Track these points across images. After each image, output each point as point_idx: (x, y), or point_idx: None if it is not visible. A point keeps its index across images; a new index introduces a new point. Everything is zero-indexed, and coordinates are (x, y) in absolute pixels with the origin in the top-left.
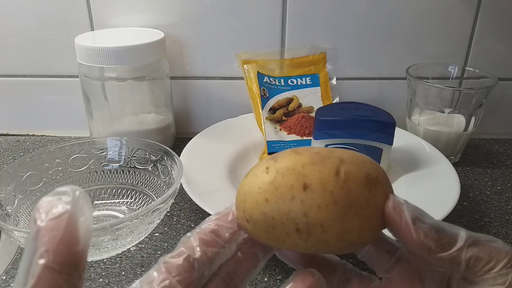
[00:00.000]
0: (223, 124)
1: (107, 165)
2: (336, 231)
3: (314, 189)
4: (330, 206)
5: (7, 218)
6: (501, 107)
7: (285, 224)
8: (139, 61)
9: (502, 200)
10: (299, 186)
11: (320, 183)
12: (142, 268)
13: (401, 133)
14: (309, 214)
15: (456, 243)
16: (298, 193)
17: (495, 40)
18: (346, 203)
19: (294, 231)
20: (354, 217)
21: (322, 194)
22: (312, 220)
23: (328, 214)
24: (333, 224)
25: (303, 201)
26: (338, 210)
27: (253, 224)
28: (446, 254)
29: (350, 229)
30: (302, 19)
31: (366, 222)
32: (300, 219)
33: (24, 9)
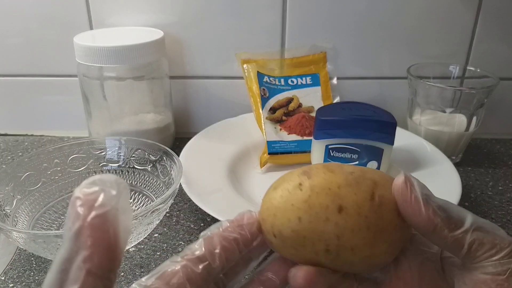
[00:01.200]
0: (223, 124)
1: (106, 165)
2: (365, 255)
3: (349, 212)
4: (363, 231)
5: (5, 219)
6: (502, 107)
7: (316, 244)
8: (138, 60)
9: (503, 200)
10: (335, 207)
11: (356, 206)
12: (141, 268)
13: (402, 133)
14: (342, 237)
15: (463, 225)
16: (333, 215)
17: (497, 40)
18: (377, 228)
19: (323, 251)
20: (382, 243)
21: (357, 218)
22: (344, 243)
23: (360, 238)
24: (363, 248)
25: (338, 223)
26: (370, 235)
27: (282, 240)
28: (451, 234)
29: (378, 254)
30: (302, 18)
31: (392, 248)
32: (332, 241)
33: (23, 9)
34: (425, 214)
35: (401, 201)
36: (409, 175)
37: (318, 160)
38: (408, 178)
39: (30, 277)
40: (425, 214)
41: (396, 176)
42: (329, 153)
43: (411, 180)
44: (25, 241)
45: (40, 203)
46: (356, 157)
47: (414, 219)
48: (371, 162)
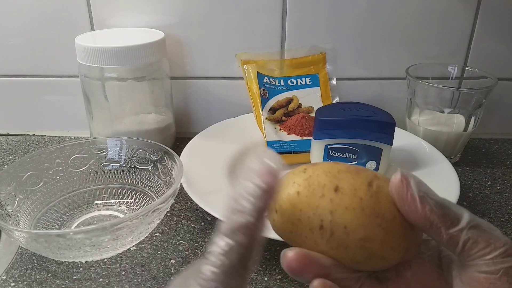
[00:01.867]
0: (223, 124)
1: (107, 165)
2: (358, 236)
3: (345, 192)
4: (356, 210)
5: (7, 218)
6: (501, 107)
7: (311, 218)
8: (139, 61)
9: (501, 200)
10: (332, 186)
11: (351, 187)
12: (142, 268)
13: (401, 133)
14: (335, 213)
15: (459, 222)
16: (329, 193)
17: (495, 40)
18: (373, 212)
19: (318, 227)
20: (378, 227)
21: (352, 197)
22: (337, 220)
23: (353, 217)
24: (356, 228)
25: (332, 200)
26: (364, 216)
27: (281, 214)
28: (447, 232)
29: (372, 238)
30: (302, 19)
31: (390, 237)
32: (326, 216)
33: (24, 9)
34: (422, 212)
35: (398, 199)
36: (406, 173)
37: (317, 160)
38: (405, 176)
39: (31, 276)
40: (421, 212)
41: (393, 174)
42: (328, 153)
43: (407, 177)
44: (26, 240)
45: (42, 202)
46: (355, 157)
47: (411, 216)
48: (370, 162)
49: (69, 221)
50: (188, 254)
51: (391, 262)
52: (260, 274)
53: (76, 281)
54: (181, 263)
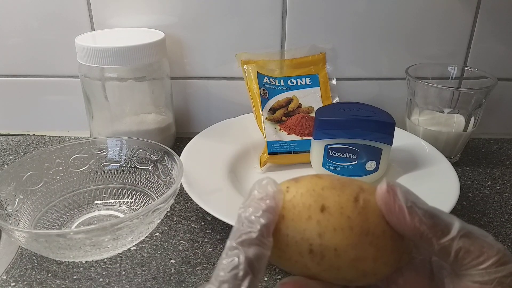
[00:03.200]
0: (223, 124)
1: (107, 165)
2: (350, 257)
3: (332, 212)
4: (345, 231)
5: (7, 218)
6: (500, 107)
7: (299, 243)
8: (140, 61)
9: (501, 200)
10: (317, 207)
11: (338, 206)
12: (142, 267)
13: (400, 133)
14: (324, 236)
15: (450, 232)
16: (315, 214)
17: (495, 40)
18: (362, 230)
19: (307, 251)
20: (369, 246)
21: (339, 217)
22: (326, 242)
23: (343, 238)
24: (347, 249)
25: (320, 222)
26: (354, 236)
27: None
28: (438, 242)
29: (364, 258)
30: (302, 19)
31: (381, 254)
32: (315, 240)
33: (24, 9)
34: (410, 223)
35: (386, 210)
36: (392, 183)
37: (317, 160)
38: (391, 187)
39: (32, 276)
40: (410, 223)
41: (379, 184)
42: (328, 153)
43: (393, 188)
44: (27, 240)
45: (42, 202)
46: (355, 157)
47: (400, 228)
48: (370, 162)
49: (69, 221)
50: (188, 254)
51: (384, 276)
52: None
53: (76, 281)
54: (181, 263)
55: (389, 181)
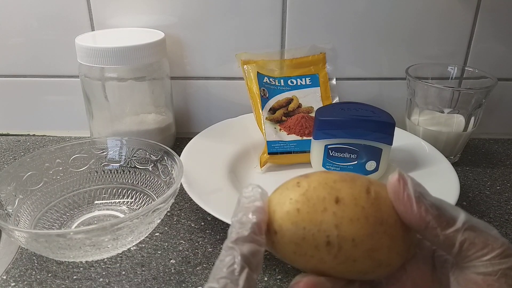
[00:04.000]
0: (223, 124)
1: (107, 165)
2: (366, 247)
3: (346, 203)
4: (361, 221)
5: (7, 218)
6: (500, 107)
7: (316, 236)
8: (140, 61)
9: (501, 200)
10: (332, 199)
11: (352, 197)
12: (142, 267)
13: (400, 133)
14: (341, 226)
15: (455, 223)
16: (330, 205)
17: (495, 40)
18: (376, 220)
19: (324, 244)
20: (384, 235)
21: (354, 208)
22: (344, 233)
23: (360, 228)
24: (364, 239)
25: (335, 213)
26: (369, 226)
27: (282, 235)
28: (443, 233)
29: (380, 247)
30: (302, 19)
31: (395, 243)
32: (332, 231)
33: (24, 9)
34: (417, 212)
35: (394, 199)
36: (403, 173)
37: (317, 160)
38: (402, 176)
39: (32, 276)
40: (416, 212)
41: (391, 174)
42: (328, 153)
43: (404, 177)
44: (27, 240)
45: (42, 202)
46: (355, 157)
47: (406, 217)
48: (370, 162)
49: (69, 221)
50: (188, 254)
51: (395, 268)
52: (260, 274)
53: (76, 281)
54: (181, 263)
55: (401, 171)
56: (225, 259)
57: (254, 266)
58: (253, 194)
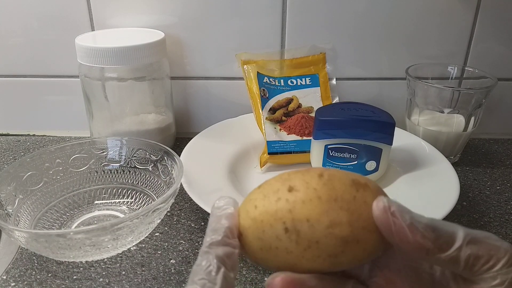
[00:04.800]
0: (223, 124)
1: (107, 165)
2: (324, 225)
3: (298, 189)
4: (314, 201)
5: (7, 218)
6: (500, 107)
7: (274, 225)
8: (140, 61)
9: (501, 200)
10: (285, 189)
11: (304, 183)
12: (142, 267)
13: (400, 133)
14: (294, 210)
15: (455, 242)
16: (284, 194)
17: (495, 40)
18: (330, 197)
19: (283, 231)
20: (340, 210)
21: (306, 191)
22: (298, 216)
23: (312, 208)
24: (319, 217)
25: (288, 199)
26: (322, 204)
27: (246, 234)
28: (445, 254)
29: (338, 222)
30: (302, 19)
31: (356, 218)
32: (287, 217)
33: (24, 9)
34: (413, 240)
35: (386, 232)
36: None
37: (317, 160)
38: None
39: (32, 276)
40: (413, 241)
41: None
42: (328, 153)
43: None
44: (27, 240)
45: (42, 202)
46: (355, 157)
47: (403, 247)
48: (370, 162)
49: (69, 221)
50: (188, 254)
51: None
52: (260, 274)
53: (76, 281)
54: (181, 263)
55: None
56: (201, 263)
57: (230, 266)
58: (225, 203)
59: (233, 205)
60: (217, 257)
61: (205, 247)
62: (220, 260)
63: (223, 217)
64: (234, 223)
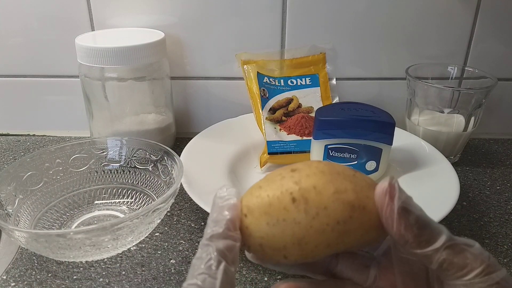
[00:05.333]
0: (223, 124)
1: (107, 165)
2: (331, 191)
3: (301, 169)
4: (317, 174)
5: (7, 218)
6: (500, 107)
7: (280, 197)
8: (140, 61)
9: (501, 200)
10: (288, 170)
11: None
12: (142, 267)
13: (400, 133)
14: (300, 182)
15: (434, 243)
16: (287, 173)
17: (495, 40)
18: (332, 171)
19: (290, 201)
20: (344, 180)
21: (308, 168)
22: (304, 185)
23: (318, 178)
24: (325, 185)
25: (293, 176)
26: (326, 176)
27: (251, 212)
28: (420, 251)
29: (344, 190)
30: (302, 19)
31: (360, 188)
32: (293, 188)
33: (24, 9)
34: (396, 229)
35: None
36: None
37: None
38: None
39: (32, 276)
40: (396, 229)
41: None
42: (328, 153)
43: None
44: (27, 240)
45: (42, 202)
46: (355, 157)
47: (388, 230)
48: (370, 162)
49: (69, 221)
50: (188, 254)
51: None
52: (260, 274)
53: (76, 281)
54: (181, 263)
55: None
56: (201, 256)
57: (231, 260)
58: (227, 193)
59: (236, 196)
60: (218, 250)
61: (205, 240)
62: (220, 254)
63: (225, 208)
64: (236, 214)
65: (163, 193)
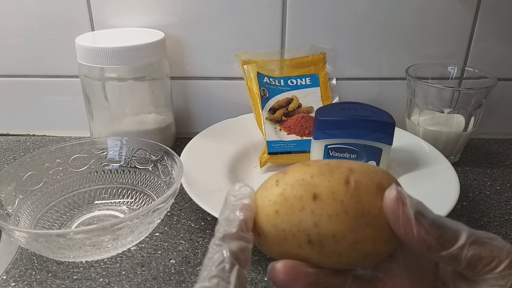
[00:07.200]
0: (223, 124)
1: (107, 165)
2: (349, 242)
3: (324, 199)
4: (341, 216)
5: (7, 218)
6: (500, 107)
7: (296, 236)
8: (140, 61)
9: (501, 200)
10: (309, 196)
11: (329, 192)
12: (142, 267)
13: (400, 133)
14: (320, 224)
15: (458, 240)
16: (308, 204)
17: (495, 40)
18: (357, 212)
19: (306, 242)
20: (366, 227)
21: (332, 203)
22: (323, 231)
23: (339, 224)
24: (345, 234)
25: (313, 211)
26: (350, 220)
27: (265, 237)
28: (446, 252)
29: (363, 239)
30: (302, 19)
31: (380, 233)
32: (311, 230)
33: (24, 9)
34: (417, 235)
35: (393, 221)
36: (400, 190)
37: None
38: (400, 194)
39: (32, 276)
40: (417, 235)
41: (387, 190)
42: (328, 153)
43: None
44: (27, 240)
45: (42, 202)
46: (355, 157)
47: (407, 239)
48: (370, 162)
49: (69, 221)
50: (188, 254)
51: (386, 254)
52: (260, 274)
53: (76, 281)
54: (181, 263)
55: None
56: (213, 256)
57: (243, 262)
58: (241, 192)
59: (250, 195)
60: (231, 252)
61: (217, 240)
62: (233, 256)
63: (238, 207)
64: (250, 215)
65: (163, 193)
